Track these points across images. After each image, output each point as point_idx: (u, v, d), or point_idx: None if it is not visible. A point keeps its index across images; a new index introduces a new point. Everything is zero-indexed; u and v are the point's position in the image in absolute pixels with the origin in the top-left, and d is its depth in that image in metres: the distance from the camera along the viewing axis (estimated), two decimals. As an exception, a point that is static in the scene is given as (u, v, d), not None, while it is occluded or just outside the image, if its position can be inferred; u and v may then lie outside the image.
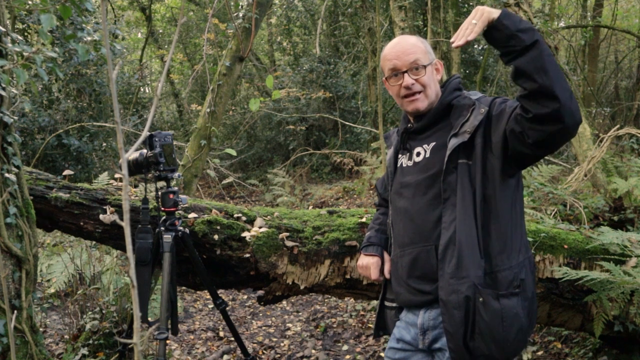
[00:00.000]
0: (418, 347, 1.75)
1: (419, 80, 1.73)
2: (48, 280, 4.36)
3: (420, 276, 1.71)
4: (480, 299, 1.56)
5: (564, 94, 1.44)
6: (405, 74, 1.72)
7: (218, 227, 2.54)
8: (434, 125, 1.77)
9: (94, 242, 3.72)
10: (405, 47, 1.75)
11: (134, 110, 9.89)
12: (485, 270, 1.59)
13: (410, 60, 1.72)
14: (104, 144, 8.33)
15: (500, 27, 1.49)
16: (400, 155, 1.87)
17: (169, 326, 2.37)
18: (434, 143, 1.74)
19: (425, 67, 1.73)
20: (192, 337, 4.10)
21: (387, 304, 1.92)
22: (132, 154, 2.41)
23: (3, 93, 2.20)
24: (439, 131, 1.74)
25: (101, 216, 2.55)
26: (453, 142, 1.64)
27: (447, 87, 1.79)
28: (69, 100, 7.95)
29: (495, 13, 1.50)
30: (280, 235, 2.54)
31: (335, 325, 4.22)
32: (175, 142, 2.91)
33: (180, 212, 2.54)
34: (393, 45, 1.78)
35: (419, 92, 1.74)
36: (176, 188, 2.41)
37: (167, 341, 3.85)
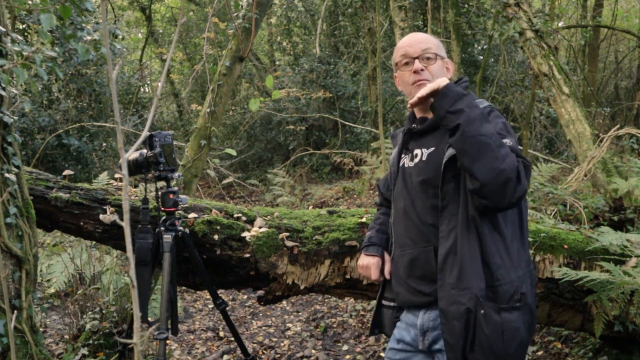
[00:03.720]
0: (418, 348, 1.75)
1: (428, 68, 1.75)
2: (48, 280, 4.36)
3: (419, 276, 1.71)
4: (482, 312, 1.55)
5: (486, 175, 1.48)
6: (416, 60, 1.75)
7: (218, 227, 2.54)
8: (436, 129, 1.76)
9: (94, 242, 3.72)
10: (419, 37, 1.81)
11: (134, 110, 9.89)
12: (487, 283, 1.57)
13: (422, 47, 1.76)
14: (104, 144, 8.33)
15: (435, 105, 1.61)
16: (403, 155, 1.87)
17: (169, 326, 2.37)
18: (432, 148, 1.74)
19: (436, 57, 1.76)
20: (192, 337, 4.10)
21: (385, 303, 1.92)
22: (132, 154, 2.41)
23: (3, 93, 2.20)
24: (440, 137, 1.74)
25: (101, 216, 2.55)
26: (450, 152, 1.63)
27: None
28: (69, 100, 7.95)
29: (441, 87, 1.59)
30: (280, 235, 2.54)
31: (335, 325, 4.22)
32: (175, 142, 2.90)
33: (180, 212, 2.54)
34: (407, 36, 1.85)
35: (428, 81, 1.74)
36: (176, 188, 2.41)
37: (167, 341, 3.85)
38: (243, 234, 2.54)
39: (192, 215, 2.57)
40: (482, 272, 1.57)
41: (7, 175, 2.23)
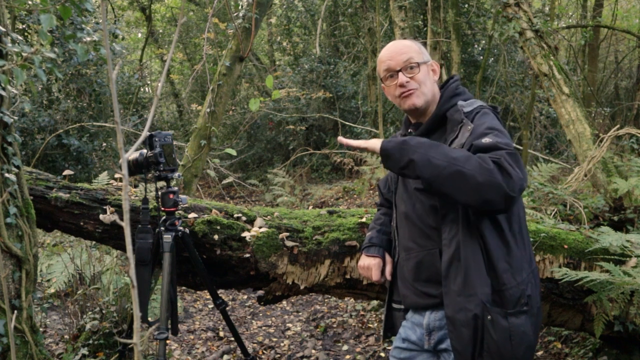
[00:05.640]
0: (424, 348, 1.75)
1: (413, 78, 1.74)
2: (48, 280, 4.36)
3: (426, 279, 1.72)
4: (489, 317, 1.54)
5: (472, 197, 1.46)
6: (400, 73, 1.74)
7: (218, 227, 2.54)
8: (431, 134, 1.77)
9: (94, 242, 3.72)
10: (398, 48, 1.78)
11: (134, 110, 9.89)
12: (492, 288, 1.57)
13: (403, 59, 1.74)
14: (104, 144, 8.33)
15: (386, 167, 1.64)
16: None
17: (169, 326, 2.37)
18: None
19: (419, 65, 1.74)
20: (192, 337, 4.10)
21: (395, 305, 1.92)
22: (132, 154, 2.41)
23: (3, 93, 2.20)
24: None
25: (101, 216, 2.55)
26: None
27: (444, 93, 1.78)
28: (69, 100, 7.95)
29: (377, 149, 1.62)
30: (280, 235, 2.54)
31: (335, 325, 4.22)
32: (175, 142, 2.90)
33: (180, 212, 2.54)
34: (386, 48, 1.81)
35: (415, 89, 1.74)
36: (176, 188, 2.41)
37: (167, 341, 3.85)
38: (243, 234, 2.54)
39: (192, 215, 2.57)
40: (487, 277, 1.57)
41: (7, 175, 2.23)
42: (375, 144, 1.63)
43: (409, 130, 1.84)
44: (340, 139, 1.71)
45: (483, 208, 1.49)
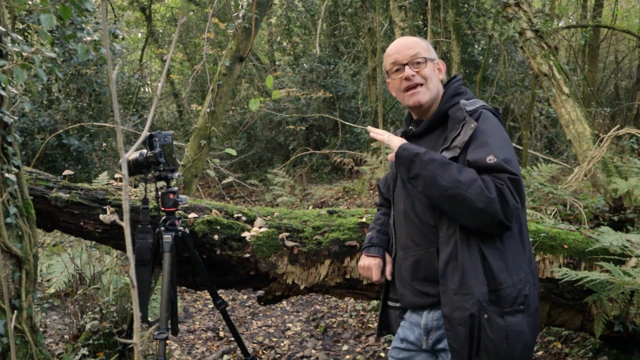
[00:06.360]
0: (422, 347, 1.75)
1: (419, 72, 1.74)
2: (48, 280, 4.36)
3: (423, 278, 1.72)
4: (485, 316, 1.55)
5: (470, 219, 1.56)
6: (406, 67, 1.74)
7: (218, 227, 2.54)
8: (432, 132, 1.77)
9: (94, 242, 3.72)
10: (406, 42, 1.80)
11: (134, 110, 9.89)
12: (489, 287, 1.57)
13: (410, 53, 1.75)
14: (104, 144, 8.34)
15: (397, 170, 1.75)
16: None
17: (169, 326, 2.37)
18: None
19: (426, 60, 1.75)
20: (192, 337, 4.10)
21: (390, 304, 1.92)
22: (132, 154, 2.41)
23: (3, 93, 2.20)
24: (434, 140, 1.74)
25: (101, 216, 2.55)
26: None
27: (446, 92, 1.78)
28: (69, 100, 7.95)
29: (395, 151, 1.70)
30: (280, 235, 2.54)
31: (335, 325, 4.22)
32: (175, 142, 2.90)
33: (180, 212, 2.54)
34: (394, 42, 1.83)
35: (420, 85, 1.74)
36: (176, 188, 2.41)
37: (167, 341, 3.85)
38: (243, 234, 2.54)
39: (192, 215, 2.57)
40: (483, 276, 1.57)
41: (7, 175, 2.23)
42: (396, 144, 1.70)
43: (410, 128, 1.84)
44: (370, 128, 1.80)
45: (477, 229, 1.58)
